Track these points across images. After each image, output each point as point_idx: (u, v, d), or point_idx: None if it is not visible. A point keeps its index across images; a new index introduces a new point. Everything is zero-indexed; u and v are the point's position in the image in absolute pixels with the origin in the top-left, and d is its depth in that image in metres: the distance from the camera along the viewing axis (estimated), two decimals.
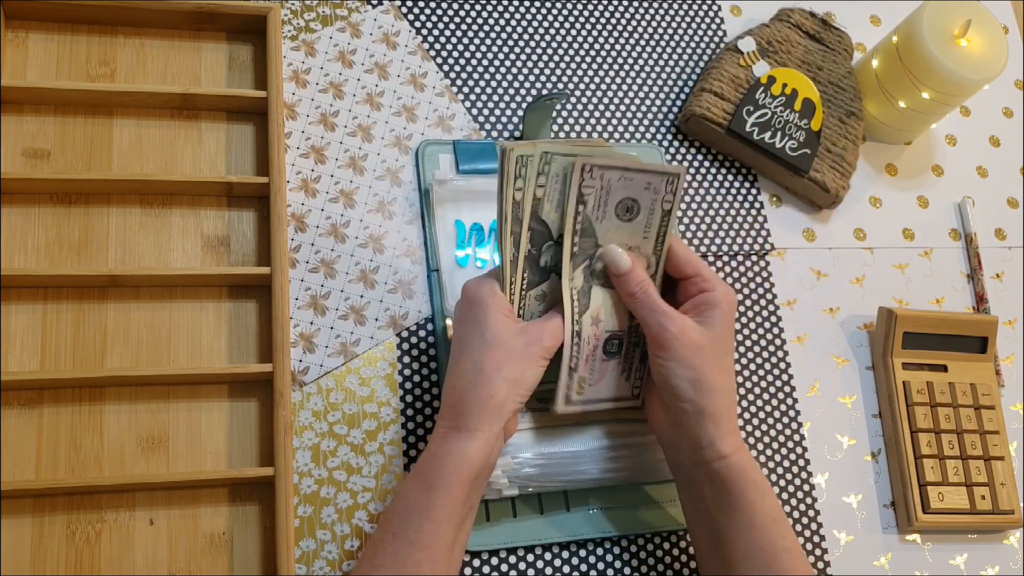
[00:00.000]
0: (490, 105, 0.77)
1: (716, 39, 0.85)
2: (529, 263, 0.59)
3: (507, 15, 0.81)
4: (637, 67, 0.82)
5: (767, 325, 0.76)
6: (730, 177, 0.81)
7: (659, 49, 0.83)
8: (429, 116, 0.75)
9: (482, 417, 0.55)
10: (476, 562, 0.64)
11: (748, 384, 0.74)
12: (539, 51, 0.80)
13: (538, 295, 0.61)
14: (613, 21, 0.83)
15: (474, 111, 0.77)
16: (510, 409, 0.56)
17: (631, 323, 0.61)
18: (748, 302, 0.77)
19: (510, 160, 0.56)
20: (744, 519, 0.57)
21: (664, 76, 0.83)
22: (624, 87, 0.81)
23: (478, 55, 0.78)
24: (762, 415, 0.73)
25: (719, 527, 0.58)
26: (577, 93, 0.80)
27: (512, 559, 0.65)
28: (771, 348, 0.76)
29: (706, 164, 0.80)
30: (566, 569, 0.65)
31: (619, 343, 0.61)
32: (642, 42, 0.83)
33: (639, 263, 0.60)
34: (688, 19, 0.85)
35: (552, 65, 0.80)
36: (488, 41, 0.79)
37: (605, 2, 0.84)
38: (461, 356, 0.58)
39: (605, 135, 0.79)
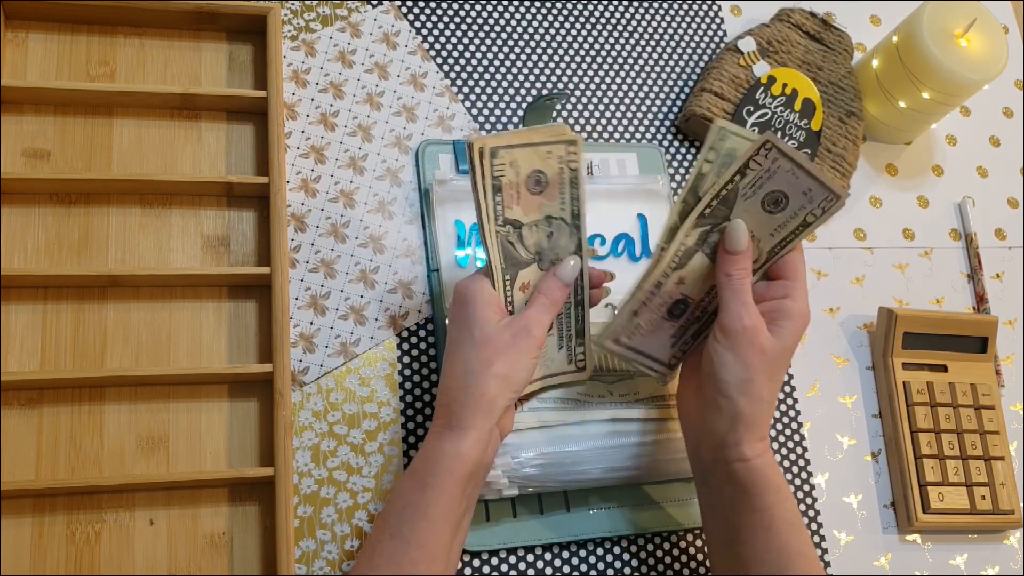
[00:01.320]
0: (490, 105, 0.77)
1: (716, 39, 0.85)
2: (502, 262, 0.59)
3: (507, 15, 0.81)
4: (637, 67, 0.82)
5: None
6: None
7: (659, 49, 0.83)
8: (429, 116, 0.75)
9: (474, 415, 0.55)
10: (476, 562, 0.64)
11: None
12: (539, 51, 0.80)
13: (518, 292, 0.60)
14: (613, 21, 0.83)
15: (474, 111, 0.77)
16: (501, 406, 0.56)
17: (706, 297, 0.61)
18: None
19: (474, 154, 0.55)
20: (762, 522, 0.57)
21: (664, 76, 0.83)
22: (624, 87, 0.81)
23: (478, 55, 0.78)
24: None
25: (735, 527, 0.58)
26: (577, 93, 0.80)
27: (512, 559, 0.65)
28: None
29: None
30: (566, 569, 0.65)
31: (684, 309, 0.61)
32: (642, 42, 0.83)
33: (751, 251, 0.59)
34: (688, 19, 0.85)
35: (552, 65, 0.80)
36: (488, 41, 0.79)
37: (605, 2, 0.84)
38: (452, 355, 0.58)
39: (605, 135, 0.79)
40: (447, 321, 0.62)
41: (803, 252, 0.61)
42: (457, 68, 0.78)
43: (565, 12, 0.82)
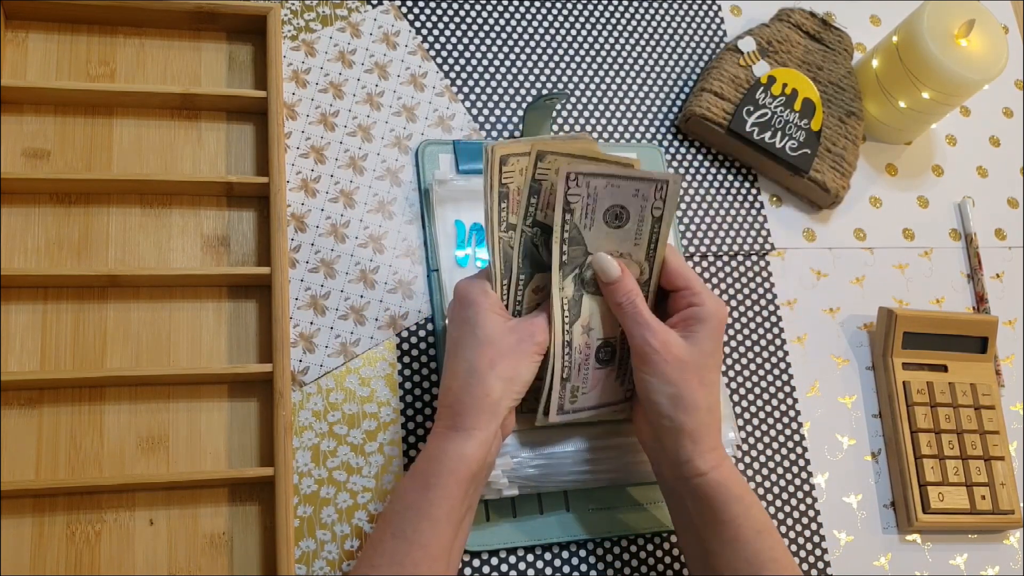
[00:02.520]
0: (490, 105, 0.77)
1: (716, 39, 0.85)
2: (520, 261, 0.59)
3: (507, 15, 0.81)
4: (637, 67, 0.82)
5: (767, 325, 0.76)
6: (730, 177, 0.81)
7: (659, 49, 0.83)
8: (429, 116, 0.75)
9: (478, 416, 0.55)
10: (476, 562, 0.64)
11: (748, 384, 0.74)
12: (539, 51, 0.80)
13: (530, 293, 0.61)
14: (613, 21, 0.83)
15: (474, 111, 0.77)
16: (506, 407, 0.56)
17: (621, 332, 0.61)
18: (748, 302, 0.77)
19: (494, 159, 0.55)
20: (728, 533, 0.57)
21: (664, 76, 0.83)
22: (624, 87, 0.81)
23: (478, 55, 0.78)
24: (762, 415, 0.73)
25: (703, 540, 0.58)
26: (577, 93, 0.80)
27: (512, 559, 0.65)
28: (771, 348, 0.76)
29: (706, 164, 0.80)
30: (566, 569, 0.65)
31: (612, 350, 0.61)
32: (642, 42, 0.83)
33: (629, 272, 0.59)
34: (688, 19, 0.85)
35: (552, 65, 0.80)
36: (488, 41, 0.79)
37: (605, 2, 0.84)
38: (455, 356, 0.58)
39: (605, 135, 0.79)
40: (447, 321, 0.61)
41: (679, 254, 0.61)
42: (457, 68, 0.78)
43: (565, 12, 0.82)
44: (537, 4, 0.82)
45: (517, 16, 0.81)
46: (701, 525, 0.58)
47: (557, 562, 0.65)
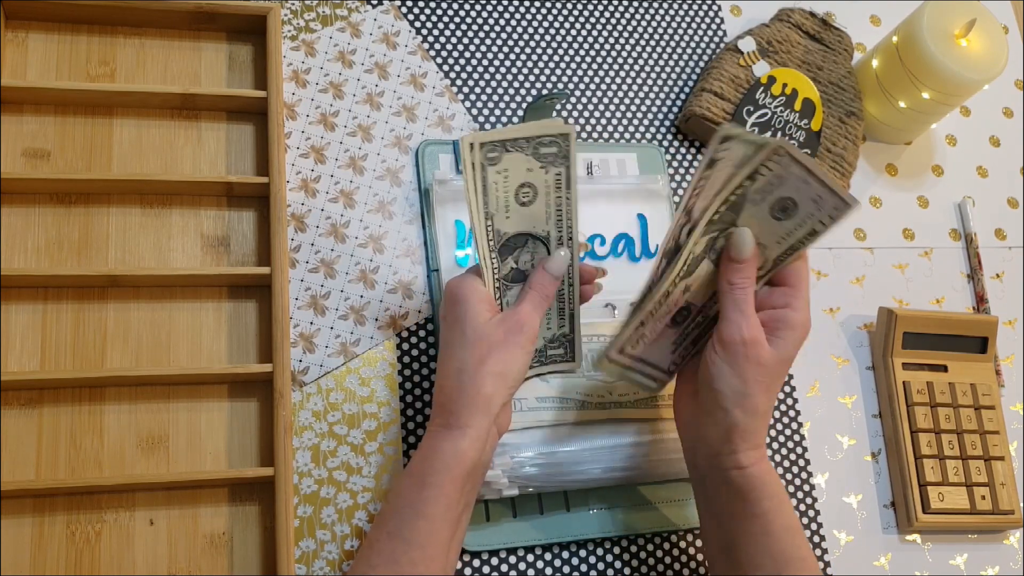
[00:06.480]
0: (490, 105, 0.77)
1: (716, 39, 0.85)
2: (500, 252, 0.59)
3: (507, 15, 0.81)
4: (637, 67, 0.82)
5: None
6: None
7: (659, 49, 0.83)
8: (429, 116, 0.75)
9: (471, 413, 0.55)
10: (476, 562, 0.64)
11: None
12: (539, 51, 0.80)
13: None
14: (613, 21, 0.83)
15: (474, 111, 0.77)
16: (498, 403, 0.56)
17: (707, 303, 0.60)
18: None
19: (464, 150, 0.55)
20: (759, 527, 0.57)
21: (664, 76, 0.83)
22: (624, 87, 0.81)
23: (478, 55, 0.78)
24: None
25: (732, 532, 0.58)
26: (577, 93, 0.80)
27: (512, 559, 0.65)
28: None
29: None
30: (566, 569, 0.65)
31: (687, 316, 0.60)
32: (642, 42, 0.83)
33: (756, 259, 0.58)
34: (688, 19, 0.85)
35: (552, 65, 0.80)
36: (488, 41, 0.79)
37: (605, 2, 0.84)
38: (446, 355, 0.58)
39: (605, 135, 0.79)
40: (440, 320, 0.61)
41: (807, 260, 0.59)
42: (457, 68, 0.78)
43: (565, 12, 0.82)
44: (537, 4, 0.82)
45: (517, 16, 0.81)
46: (731, 517, 0.58)
47: (557, 562, 0.66)
